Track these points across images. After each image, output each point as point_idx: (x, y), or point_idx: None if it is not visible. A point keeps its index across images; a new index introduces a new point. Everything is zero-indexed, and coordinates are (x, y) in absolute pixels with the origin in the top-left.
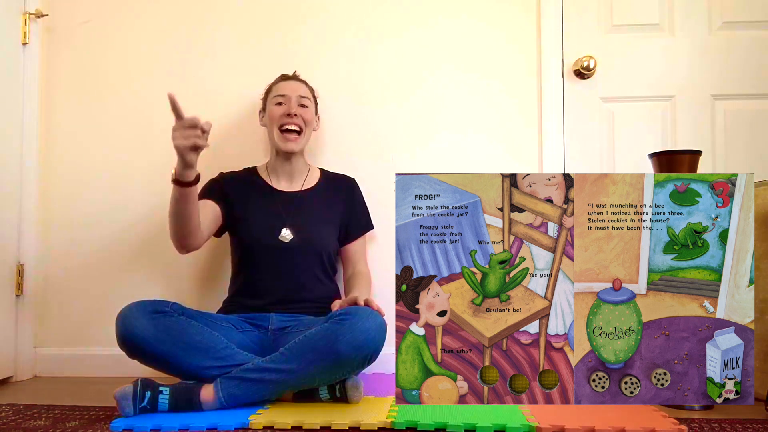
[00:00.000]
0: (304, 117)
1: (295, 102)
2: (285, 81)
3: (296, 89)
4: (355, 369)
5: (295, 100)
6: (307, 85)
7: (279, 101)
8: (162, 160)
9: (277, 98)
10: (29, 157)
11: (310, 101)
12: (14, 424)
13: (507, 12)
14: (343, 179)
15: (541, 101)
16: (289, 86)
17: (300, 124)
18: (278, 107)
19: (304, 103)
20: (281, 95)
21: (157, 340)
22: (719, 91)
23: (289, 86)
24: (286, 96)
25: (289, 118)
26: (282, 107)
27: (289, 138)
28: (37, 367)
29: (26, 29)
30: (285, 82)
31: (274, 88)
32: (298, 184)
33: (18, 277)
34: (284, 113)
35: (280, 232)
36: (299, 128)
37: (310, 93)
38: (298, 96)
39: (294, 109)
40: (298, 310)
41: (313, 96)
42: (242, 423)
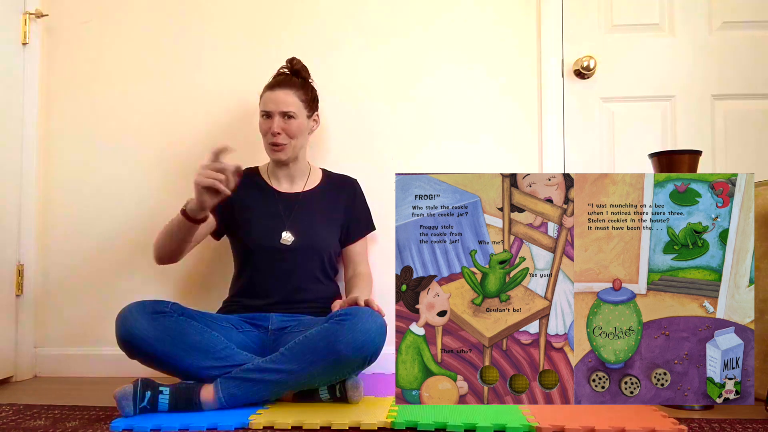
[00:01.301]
0: (288, 131)
1: (278, 119)
2: (271, 90)
3: (280, 103)
4: (356, 369)
5: (278, 118)
6: (296, 89)
7: (264, 115)
8: (162, 160)
9: (263, 112)
10: (29, 157)
11: (297, 110)
12: (14, 424)
13: (507, 12)
14: (344, 180)
15: (541, 101)
16: (273, 99)
17: (283, 141)
18: (264, 122)
19: (290, 115)
20: (265, 111)
21: (157, 340)
22: (719, 91)
23: (273, 99)
24: (269, 112)
25: (273, 137)
26: (267, 122)
27: (275, 150)
28: (37, 367)
29: (26, 29)
30: (270, 93)
31: (263, 97)
32: (300, 185)
33: (18, 277)
34: (269, 130)
35: (280, 235)
36: (284, 144)
37: (299, 98)
38: (281, 112)
39: (276, 127)
40: (298, 311)
41: (304, 99)
42: (242, 423)
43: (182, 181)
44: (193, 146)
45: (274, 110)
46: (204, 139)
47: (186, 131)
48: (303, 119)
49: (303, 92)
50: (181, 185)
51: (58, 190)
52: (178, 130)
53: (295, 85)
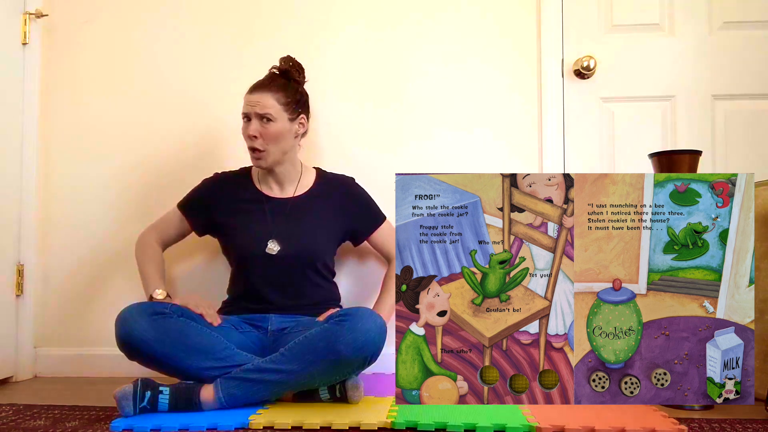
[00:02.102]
0: (265, 135)
1: (254, 123)
2: (250, 93)
3: (256, 104)
4: (355, 370)
5: (255, 121)
6: (276, 91)
7: (244, 117)
8: (161, 160)
9: (242, 114)
10: (29, 157)
11: (275, 113)
12: (14, 424)
13: (507, 13)
14: (339, 181)
15: (541, 101)
16: (250, 101)
17: (259, 145)
18: (244, 125)
19: (268, 117)
20: (243, 113)
21: (157, 341)
22: (719, 91)
23: (250, 101)
24: (246, 114)
25: (249, 141)
26: (246, 125)
27: (254, 156)
28: (37, 367)
29: (26, 29)
30: (249, 96)
31: (244, 99)
32: (290, 190)
33: (18, 277)
34: (245, 133)
35: (266, 244)
36: (261, 149)
37: (279, 101)
38: (257, 114)
39: (252, 130)
40: (297, 312)
41: (285, 103)
42: (242, 423)
43: (186, 179)
44: (197, 145)
45: (251, 112)
46: (206, 138)
47: (189, 130)
48: (283, 122)
49: (283, 94)
50: (184, 183)
51: (59, 190)
52: (179, 130)
53: (274, 88)
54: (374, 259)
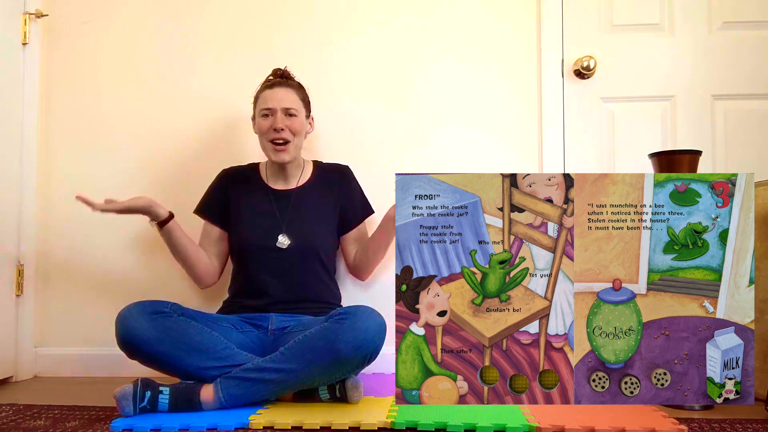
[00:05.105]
0: (291, 128)
1: (281, 115)
2: (270, 89)
3: (281, 99)
4: (355, 368)
5: (281, 113)
6: (295, 89)
7: (265, 113)
8: (162, 160)
9: (263, 111)
10: (29, 157)
11: (298, 108)
12: (14, 424)
13: (507, 12)
14: (334, 169)
15: (541, 101)
16: (274, 97)
17: (287, 137)
18: (265, 120)
19: (292, 113)
20: (267, 108)
21: (157, 341)
22: (719, 91)
23: (274, 97)
24: (271, 109)
25: (276, 133)
26: (269, 120)
27: (278, 149)
28: (37, 367)
29: (26, 29)
30: (270, 91)
31: (260, 97)
32: (293, 182)
33: (18, 277)
34: (271, 127)
35: (276, 238)
36: (288, 140)
37: (299, 97)
38: (284, 108)
39: (280, 123)
40: (298, 311)
41: (302, 99)
42: (242, 423)
43: (183, 180)
44: (194, 145)
45: (276, 107)
46: (204, 138)
47: (187, 131)
48: (302, 118)
49: (301, 93)
50: (184, 183)
51: (58, 190)
52: (179, 129)
53: (294, 85)
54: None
